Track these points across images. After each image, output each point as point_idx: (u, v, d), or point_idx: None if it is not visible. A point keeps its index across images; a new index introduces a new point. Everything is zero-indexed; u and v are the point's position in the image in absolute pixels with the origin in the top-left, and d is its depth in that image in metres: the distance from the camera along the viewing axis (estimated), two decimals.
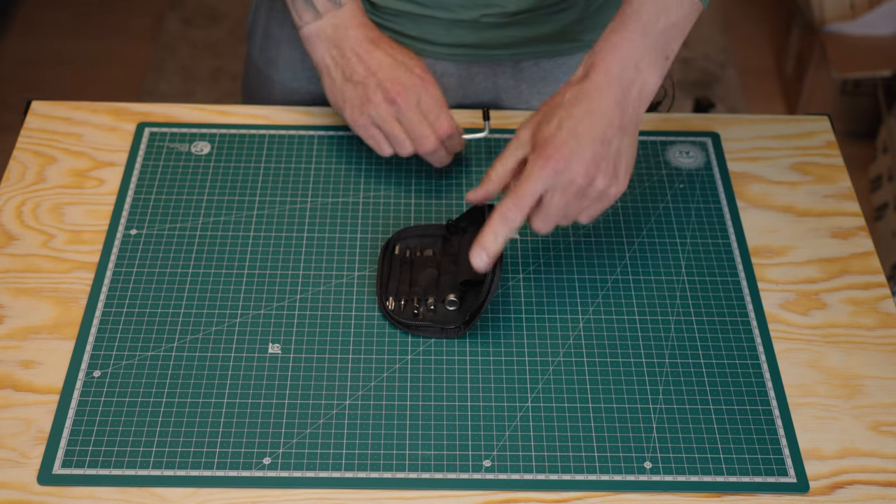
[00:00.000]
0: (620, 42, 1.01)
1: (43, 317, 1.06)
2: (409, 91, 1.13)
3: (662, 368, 1.03)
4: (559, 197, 0.99)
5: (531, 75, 1.30)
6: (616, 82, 1.01)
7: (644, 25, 1.01)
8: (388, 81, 1.13)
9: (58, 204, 1.16)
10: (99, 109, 1.25)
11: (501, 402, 1.00)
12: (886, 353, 1.06)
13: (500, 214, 0.99)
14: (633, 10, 1.02)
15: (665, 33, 1.02)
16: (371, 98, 1.13)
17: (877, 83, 2.56)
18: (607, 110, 1.00)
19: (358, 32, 1.16)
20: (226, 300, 1.07)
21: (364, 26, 1.17)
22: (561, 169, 0.98)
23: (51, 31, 2.91)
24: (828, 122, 1.27)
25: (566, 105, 1.01)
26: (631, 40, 1.01)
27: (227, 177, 1.19)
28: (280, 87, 1.33)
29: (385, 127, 1.13)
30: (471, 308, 1.04)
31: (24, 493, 0.94)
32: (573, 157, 0.98)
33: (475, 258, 1.00)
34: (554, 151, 0.98)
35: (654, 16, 1.02)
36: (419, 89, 1.13)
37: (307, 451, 0.97)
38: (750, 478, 0.96)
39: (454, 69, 1.28)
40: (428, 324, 1.04)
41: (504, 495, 0.95)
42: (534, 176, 0.99)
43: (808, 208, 1.19)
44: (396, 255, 1.09)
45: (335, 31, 1.16)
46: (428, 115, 1.13)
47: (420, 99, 1.13)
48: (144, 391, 1.00)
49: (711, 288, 1.10)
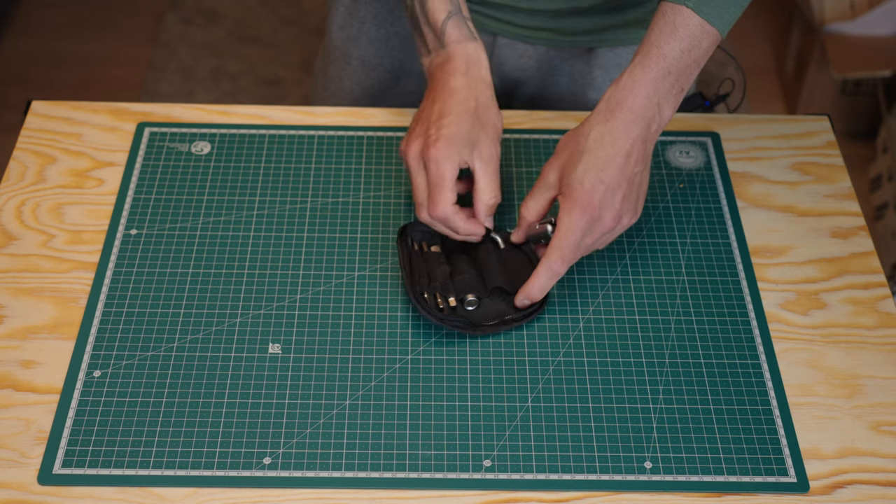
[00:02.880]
0: (645, 82, 1.04)
1: (43, 317, 1.06)
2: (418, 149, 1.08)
3: (662, 368, 1.03)
4: (590, 239, 1.04)
5: (606, 62, 1.31)
6: (640, 121, 1.03)
7: (669, 65, 1.03)
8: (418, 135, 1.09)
9: (58, 204, 1.16)
10: (99, 109, 1.25)
11: (501, 402, 1.00)
12: (886, 353, 1.06)
13: (549, 270, 1.04)
14: (658, 50, 1.04)
15: (687, 68, 1.04)
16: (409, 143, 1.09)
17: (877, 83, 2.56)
18: (631, 150, 1.03)
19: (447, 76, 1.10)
20: (226, 300, 1.07)
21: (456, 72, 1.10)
22: (595, 217, 1.02)
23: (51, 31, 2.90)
24: (828, 122, 1.27)
25: (591, 148, 1.03)
26: (655, 80, 1.03)
27: (227, 177, 1.19)
28: (359, 63, 1.36)
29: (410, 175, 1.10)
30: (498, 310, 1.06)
31: (24, 493, 0.94)
32: (604, 205, 1.02)
33: (520, 304, 1.05)
34: (586, 202, 1.02)
35: (679, 55, 1.04)
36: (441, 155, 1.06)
37: (307, 451, 0.97)
38: (750, 478, 0.96)
39: (532, 51, 1.31)
40: (458, 318, 1.04)
41: (504, 495, 0.95)
42: (573, 229, 1.02)
43: (808, 208, 1.19)
44: (416, 250, 1.09)
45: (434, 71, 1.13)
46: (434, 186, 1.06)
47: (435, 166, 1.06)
48: (144, 391, 1.00)
49: (711, 288, 1.10)
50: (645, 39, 1.05)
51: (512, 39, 1.30)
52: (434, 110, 1.09)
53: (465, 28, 1.12)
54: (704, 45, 1.04)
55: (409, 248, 1.09)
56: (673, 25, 1.03)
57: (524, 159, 1.21)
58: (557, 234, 1.03)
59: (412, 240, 1.10)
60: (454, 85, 1.10)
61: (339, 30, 1.36)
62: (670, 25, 1.03)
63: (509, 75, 1.34)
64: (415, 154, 1.07)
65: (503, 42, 1.31)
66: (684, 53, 1.04)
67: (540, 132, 1.24)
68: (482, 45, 1.12)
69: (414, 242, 1.10)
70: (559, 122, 1.25)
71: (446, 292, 1.06)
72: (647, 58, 1.04)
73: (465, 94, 1.09)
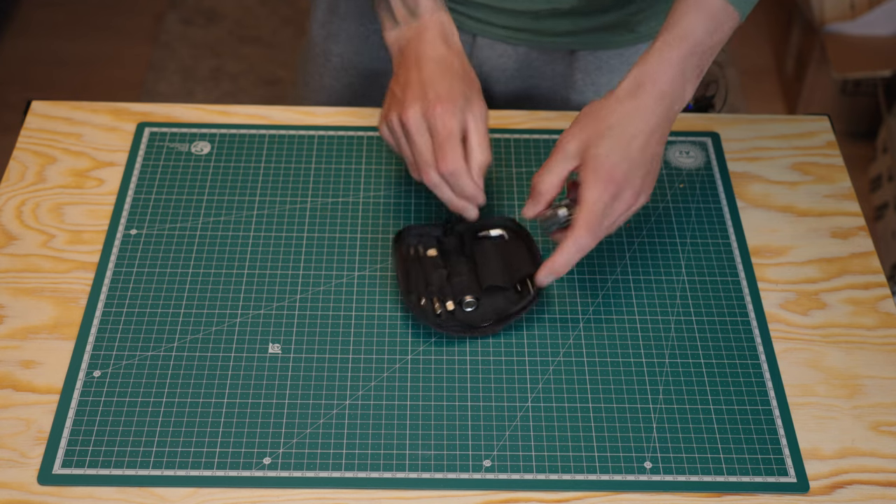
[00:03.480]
0: (673, 60, 1.03)
1: (43, 317, 1.06)
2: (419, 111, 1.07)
3: (662, 368, 1.03)
4: (608, 220, 1.02)
5: (587, 65, 1.30)
6: (667, 99, 1.03)
7: (695, 44, 1.03)
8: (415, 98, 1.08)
9: (58, 204, 1.16)
10: (99, 109, 1.25)
11: (501, 402, 1.00)
12: (886, 353, 1.06)
13: (576, 243, 1.01)
14: (684, 28, 1.03)
15: (710, 50, 1.04)
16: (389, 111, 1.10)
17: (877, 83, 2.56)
18: (655, 128, 1.03)
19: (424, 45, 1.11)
20: (226, 300, 1.07)
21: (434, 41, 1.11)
22: (616, 193, 1.01)
23: (51, 31, 2.91)
24: (828, 122, 1.27)
25: (618, 124, 1.02)
26: (682, 59, 1.03)
27: (227, 177, 1.19)
28: (339, 60, 1.35)
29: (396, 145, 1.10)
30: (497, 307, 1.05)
31: (24, 493, 0.94)
32: (627, 181, 1.02)
33: (544, 279, 1.03)
34: (609, 177, 1.01)
35: (705, 35, 1.03)
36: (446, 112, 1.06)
37: (307, 451, 0.97)
38: (750, 478, 0.96)
39: (512, 51, 1.30)
40: (456, 323, 1.04)
41: (504, 495, 0.95)
42: (598, 201, 1.01)
43: (808, 208, 1.19)
44: (411, 255, 1.09)
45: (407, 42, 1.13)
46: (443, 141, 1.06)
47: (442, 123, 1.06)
48: (144, 391, 1.00)
49: (711, 288, 1.10)
50: (669, 19, 1.04)
51: (492, 40, 1.29)
52: (422, 76, 1.08)
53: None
54: (726, 28, 1.04)
55: (405, 255, 1.09)
56: (697, 5, 1.03)
57: (524, 159, 1.21)
58: (582, 207, 1.01)
59: (408, 245, 1.10)
60: (434, 54, 1.10)
61: (320, 27, 1.36)
62: (694, 5, 1.03)
63: (489, 75, 1.33)
64: (416, 116, 1.06)
65: (483, 42, 1.30)
66: (708, 34, 1.03)
67: (540, 132, 1.24)
68: (450, 17, 1.13)
69: (410, 248, 1.10)
70: (559, 122, 1.25)
71: (444, 296, 1.06)
72: (674, 36, 1.03)
73: (449, 59, 1.10)
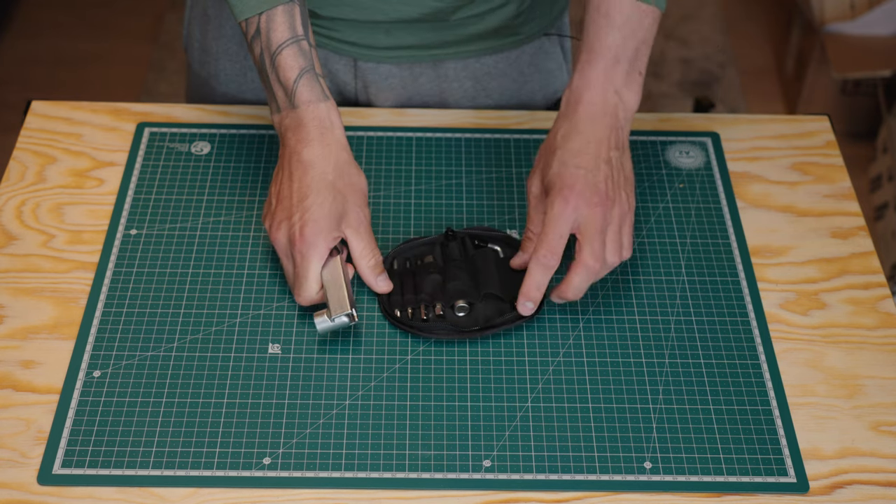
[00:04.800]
0: (596, 76, 1.05)
1: (43, 317, 1.06)
2: (285, 235, 1.04)
3: (662, 368, 1.03)
4: (591, 229, 1.02)
5: (475, 72, 1.29)
6: (603, 112, 1.05)
7: (615, 55, 1.05)
8: (283, 218, 1.04)
9: (58, 204, 1.16)
10: (99, 109, 1.25)
11: (501, 402, 1.00)
12: (886, 353, 1.06)
13: (538, 264, 1.03)
14: (601, 44, 1.06)
15: (635, 52, 1.06)
16: (264, 218, 1.07)
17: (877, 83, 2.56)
18: (602, 137, 1.05)
19: (300, 144, 1.05)
20: (226, 300, 1.07)
21: (310, 139, 1.05)
22: (580, 204, 1.02)
23: (51, 31, 2.91)
24: (828, 122, 1.27)
25: (561, 144, 1.05)
26: (605, 71, 1.05)
27: (227, 177, 1.19)
28: (223, 98, 1.32)
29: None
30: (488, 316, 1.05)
31: (24, 493, 0.94)
32: (586, 189, 1.02)
33: (522, 309, 1.04)
34: (568, 189, 1.02)
35: (622, 42, 1.05)
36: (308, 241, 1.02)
37: (307, 451, 0.97)
38: (750, 478, 0.96)
39: (397, 71, 1.27)
40: (442, 325, 1.04)
41: (504, 495, 0.95)
42: (556, 218, 1.02)
43: (808, 208, 1.19)
44: (396, 270, 1.09)
45: (286, 132, 1.07)
46: (298, 278, 1.03)
47: (301, 256, 1.02)
48: (144, 391, 1.00)
49: (711, 288, 1.10)
50: (584, 34, 1.07)
51: (375, 63, 1.26)
52: (294, 190, 1.04)
53: (318, 86, 1.05)
54: (646, 24, 1.06)
55: (391, 273, 1.09)
56: (607, 16, 1.05)
57: (524, 159, 1.21)
58: (544, 226, 1.03)
59: (407, 259, 1.10)
60: (309, 157, 1.04)
61: (200, 66, 1.33)
62: (604, 17, 1.05)
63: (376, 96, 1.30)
64: (283, 244, 1.03)
65: (366, 67, 1.27)
66: (627, 39, 1.05)
67: (540, 132, 1.24)
68: (334, 105, 1.06)
69: (407, 261, 1.10)
70: None
71: (434, 300, 1.06)
72: (590, 53, 1.06)
73: (322, 166, 1.04)
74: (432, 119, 1.26)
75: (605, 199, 1.02)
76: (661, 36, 2.89)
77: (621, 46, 1.05)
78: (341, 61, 1.26)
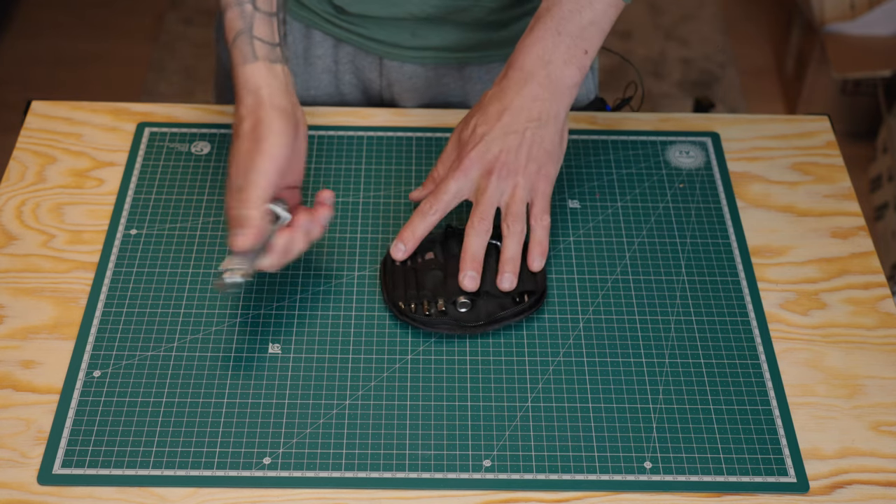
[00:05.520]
0: (534, 41, 1.07)
1: (43, 317, 1.06)
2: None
3: (662, 368, 1.03)
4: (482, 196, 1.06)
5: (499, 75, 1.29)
6: (530, 77, 1.07)
7: (557, 24, 1.07)
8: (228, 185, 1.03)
9: (58, 204, 1.16)
10: (99, 109, 1.25)
11: (501, 402, 1.00)
12: (886, 353, 1.06)
13: (419, 212, 1.07)
14: (546, 12, 1.08)
15: (583, 30, 1.07)
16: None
17: (877, 83, 2.56)
18: (520, 106, 1.07)
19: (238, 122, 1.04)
20: (225, 300, 1.07)
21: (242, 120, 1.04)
22: (466, 167, 1.06)
23: (51, 31, 2.91)
24: (828, 122, 1.27)
25: (484, 105, 1.09)
26: (543, 38, 1.07)
27: None
28: None
29: None
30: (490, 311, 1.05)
31: (24, 493, 0.94)
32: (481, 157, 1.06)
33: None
34: (464, 156, 1.07)
35: (568, 14, 1.07)
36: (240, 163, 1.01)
37: (307, 451, 0.97)
38: (750, 478, 0.96)
39: (422, 71, 1.29)
40: (445, 319, 1.04)
41: (504, 495, 0.95)
42: (448, 178, 1.07)
43: (808, 208, 1.19)
44: (398, 266, 1.09)
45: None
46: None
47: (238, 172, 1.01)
48: (144, 391, 1.00)
49: (711, 288, 1.10)
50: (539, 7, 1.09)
51: (400, 62, 1.28)
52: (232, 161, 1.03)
53: (248, 49, 1.04)
54: (599, 7, 1.07)
55: (391, 267, 1.09)
56: None
57: None
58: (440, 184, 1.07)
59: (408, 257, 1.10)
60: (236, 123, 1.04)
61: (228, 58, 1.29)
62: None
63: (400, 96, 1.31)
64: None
65: (391, 65, 1.28)
66: (574, 13, 1.06)
67: None
68: (264, 64, 1.04)
69: (408, 259, 1.10)
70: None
71: (436, 297, 1.06)
72: (537, 20, 1.08)
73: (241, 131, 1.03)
74: (432, 119, 1.26)
75: (502, 168, 1.05)
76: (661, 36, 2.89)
77: (566, 19, 1.07)
78: (367, 59, 1.28)
